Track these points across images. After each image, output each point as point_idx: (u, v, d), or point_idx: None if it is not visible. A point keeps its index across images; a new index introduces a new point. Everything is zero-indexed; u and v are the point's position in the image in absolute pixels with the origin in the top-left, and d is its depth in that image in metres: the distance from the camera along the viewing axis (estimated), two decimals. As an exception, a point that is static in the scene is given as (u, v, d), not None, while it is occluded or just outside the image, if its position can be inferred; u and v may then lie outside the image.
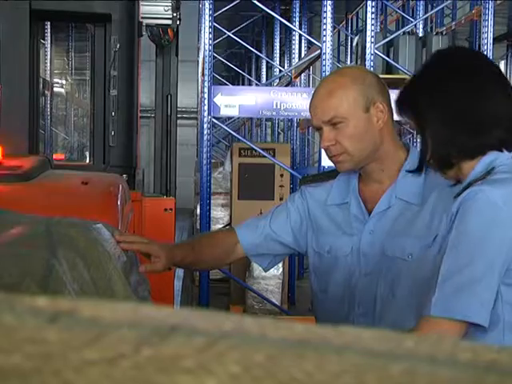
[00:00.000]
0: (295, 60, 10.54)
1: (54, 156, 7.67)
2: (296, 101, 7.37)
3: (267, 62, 15.10)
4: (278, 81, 11.58)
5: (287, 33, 13.60)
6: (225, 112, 7.52)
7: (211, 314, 0.47)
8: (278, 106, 7.36)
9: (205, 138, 7.52)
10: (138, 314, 0.45)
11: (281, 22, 9.64)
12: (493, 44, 7.64)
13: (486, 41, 7.54)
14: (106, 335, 0.42)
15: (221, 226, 10.69)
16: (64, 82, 13.50)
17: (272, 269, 2.71)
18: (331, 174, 2.53)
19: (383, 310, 2.34)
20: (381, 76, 9.10)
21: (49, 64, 8.88)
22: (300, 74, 10.87)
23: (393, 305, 2.32)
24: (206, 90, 7.33)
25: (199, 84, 12.86)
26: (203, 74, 7.60)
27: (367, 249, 2.36)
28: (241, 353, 0.42)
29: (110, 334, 0.42)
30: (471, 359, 0.45)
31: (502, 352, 0.46)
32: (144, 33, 5.35)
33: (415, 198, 2.32)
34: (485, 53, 7.48)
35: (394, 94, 7.99)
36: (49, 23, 7.84)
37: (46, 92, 8.40)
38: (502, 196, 1.87)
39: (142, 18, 5.32)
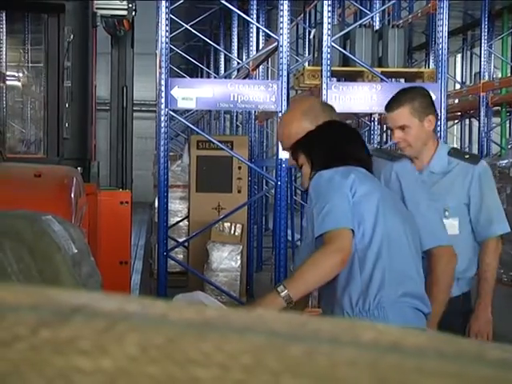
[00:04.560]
0: (253, 53, 10.52)
1: (9, 148, 7.59)
2: (253, 93, 7.35)
3: (225, 55, 15.08)
4: (235, 73, 11.57)
5: (245, 25, 13.58)
6: (182, 105, 7.49)
7: (118, 296, 0.47)
8: (236, 99, 7.34)
9: (162, 130, 7.47)
10: (41, 297, 0.45)
11: (239, 14, 9.63)
12: (448, 37, 7.69)
13: (441, 34, 7.58)
14: (4, 318, 0.42)
15: (179, 219, 10.65)
16: (20, 74, 13.37)
17: (230, 261, 3.05)
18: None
19: None
20: (337, 69, 8.94)
21: (4, 56, 8.78)
22: (258, 67, 10.86)
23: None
24: (163, 82, 7.29)
25: (157, 77, 12.79)
26: (160, 67, 7.56)
27: None
28: (140, 334, 0.42)
29: (8, 316, 0.42)
30: (373, 339, 0.45)
31: (405, 333, 0.46)
32: (99, 23, 5.31)
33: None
34: (440, 46, 7.52)
35: (350, 86, 7.92)
36: (4, 14, 7.77)
37: (1, 84, 8.31)
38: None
39: (97, 8, 5.28)
